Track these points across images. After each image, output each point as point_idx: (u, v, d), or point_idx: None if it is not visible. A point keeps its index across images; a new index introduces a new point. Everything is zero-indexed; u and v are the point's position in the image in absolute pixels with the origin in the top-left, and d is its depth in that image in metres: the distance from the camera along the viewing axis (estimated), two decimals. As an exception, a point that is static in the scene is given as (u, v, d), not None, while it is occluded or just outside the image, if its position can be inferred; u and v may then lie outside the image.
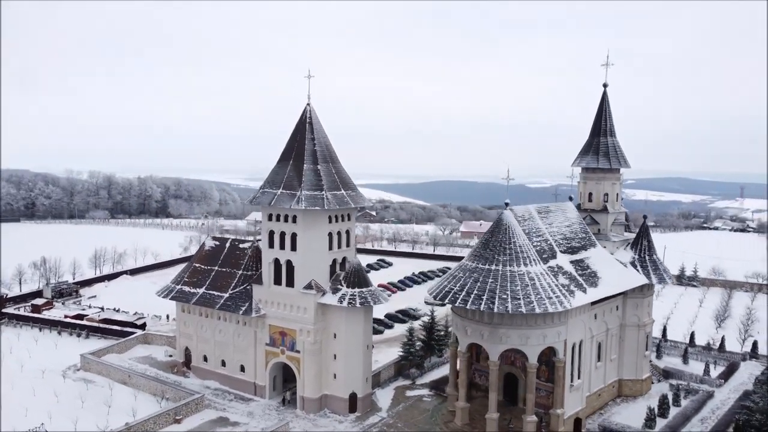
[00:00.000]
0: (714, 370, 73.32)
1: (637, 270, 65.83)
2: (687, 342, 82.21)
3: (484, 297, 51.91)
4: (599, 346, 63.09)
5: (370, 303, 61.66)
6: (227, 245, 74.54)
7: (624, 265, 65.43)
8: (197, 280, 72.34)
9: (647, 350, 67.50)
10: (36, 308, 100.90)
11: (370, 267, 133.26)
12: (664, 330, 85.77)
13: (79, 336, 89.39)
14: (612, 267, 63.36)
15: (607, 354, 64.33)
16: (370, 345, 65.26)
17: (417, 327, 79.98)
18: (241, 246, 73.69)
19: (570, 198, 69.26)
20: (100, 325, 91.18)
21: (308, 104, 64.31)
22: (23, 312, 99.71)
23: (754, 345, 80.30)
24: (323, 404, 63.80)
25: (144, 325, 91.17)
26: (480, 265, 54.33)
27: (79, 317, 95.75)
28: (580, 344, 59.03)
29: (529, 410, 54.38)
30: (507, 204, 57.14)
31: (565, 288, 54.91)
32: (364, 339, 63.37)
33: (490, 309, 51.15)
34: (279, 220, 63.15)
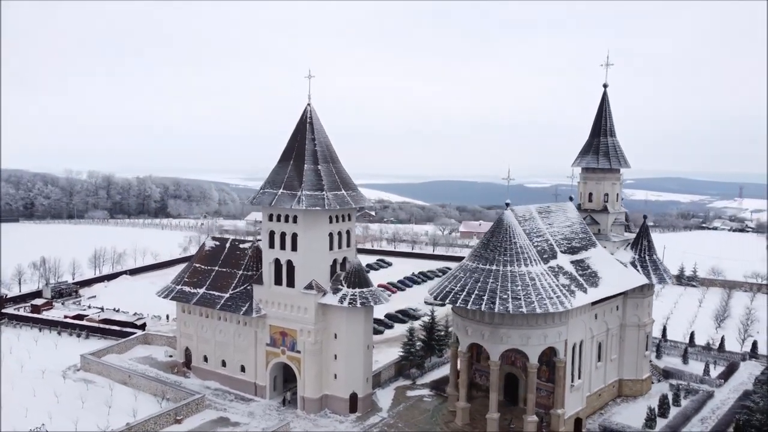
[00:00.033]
0: (714, 370, 73.41)
1: (638, 270, 65.90)
2: (687, 342, 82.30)
3: (485, 297, 51.94)
4: (599, 346, 63.15)
5: (371, 303, 61.68)
6: (227, 245, 74.49)
7: (624, 265, 65.49)
8: (197, 281, 72.30)
9: (647, 350, 67.58)
10: (36, 308, 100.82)
11: (370, 267, 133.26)
12: (664, 330, 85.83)
13: (79, 336, 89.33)
14: (612, 267, 63.43)
15: (608, 354, 64.40)
16: (371, 345, 65.26)
17: (417, 327, 79.98)
18: (242, 246, 73.64)
19: (570, 198, 69.31)
20: (100, 326, 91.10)
21: (309, 104, 64.29)
22: (23, 312, 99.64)
23: (754, 345, 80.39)
24: (324, 404, 63.81)
25: (144, 326, 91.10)
26: (481, 266, 54.36)
27: (79, 317, 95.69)
28: (581, 344, 59.15)
29: (530, 410, 54.45)
30: (508, 204, 57.16)
31: (566, 288, 54.97)
32: (365, 339, 63.39)
33: (491, 309, 51.19)
34: (280, 221, 63.15)
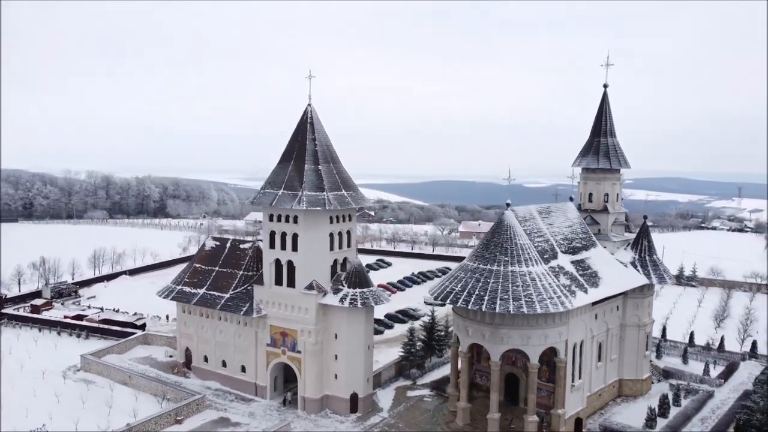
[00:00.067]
0: (714, 370, 73.50)
1: (638, 270, 65.97)
2: (686, 342, 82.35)
3: (486, 297, 51.98)
4: (600, 346, 63.20)
5: (372, 303, 61.70)
6: (228, 245, 74.49)
7: (624, 266, 65.56)
8: (198, 281, 72.28)
9: (647, 350, 67.66)
10: (35, 309, 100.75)
11: (370, 267, 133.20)
12: (664, 330, 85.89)
13: (79, 336, 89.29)
14: (612, 267, 63.50)
15: (608, 354, 64.47)
16: (371, 345, 65.28)
17: (417, 327, 80.00)
18: (242, 246, 73.64)
19: (571, 198, 69.36)
20: (100, 326, 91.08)
21: (309, 104, 64.30)
22: (22, 312, 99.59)
23: (754, 345, 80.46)
24: (324, 404, 63.81)
25: (144, 326, 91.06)
26: (481, 266, 54.39)
27: (79, 318, 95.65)
28: (581, 344, 59.23)
29: (531, 410, 54.50)
30: (508, 204, 57.19)
31: (567, 288, 55.03)
32: (366, 339, 63.40)
33: (492, 309, 51.23)
34: (280, 221, 63.15)
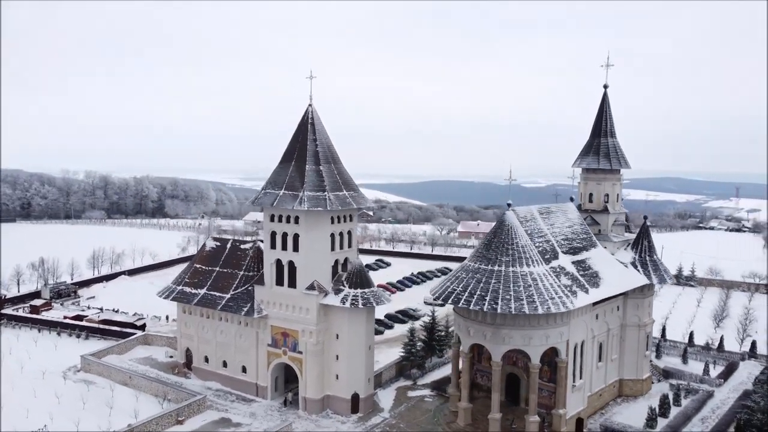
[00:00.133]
0: (713, 370, 73.65)
1: (638, 270, 66.08)
2: (686, 342, 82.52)
3: (487, 298, 52.01)
4: (600, 346, 63.28)
5: (373, 304, 61.73)
6: (228, 246, 74.46)
7: (625, 266, 65.66)
8: (198, 281, 72.23)
9: (647, 350, 67.79)
10: (35, 309, 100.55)
11: (369, 267, 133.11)
12: (663, 330, 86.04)
13: (79, 337, 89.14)
14: (613, 267, 63.60)
15: (608, 354, 64.57)
16: (372, 345, 65.31)
17: (418, 327, 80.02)
18: (242, 247, 73.61)
19: (571, 199, 69.46)
20: (100, 326, 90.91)
21: (310, 105, 64.29)
22: (22, 313, 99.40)
23: (753, 345, 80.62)
24: (325, 405, 63.82)
25: (144, 326, 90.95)
26: (483, 266, 54.43)
27: (79, 318, 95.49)
28: (582, 344, 59.34)
29: (532, 410, 54.57)
30: (509, 205, 57.21)
31: (568, 288, 55.12)
32: (367, 339, 63.42)
33: (493, 310, 51.27)
34: (281, 221, 63.14)
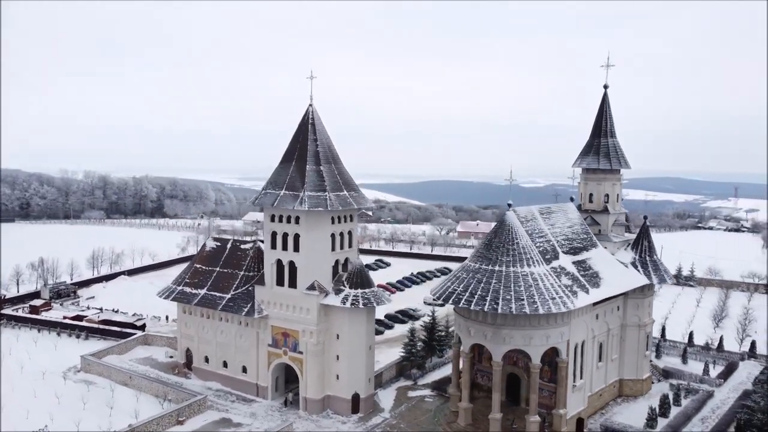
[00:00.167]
0: (713, 370, 73.70)
1: (638, 270, 66.15)
2: (686, 342, 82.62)
3: (488, 298, 52.04)
4: (600, 346, 63.36)
5: (373, 304, 61.75)
6: (228, 246, 74.42)
7: (625, 266, 65.73)
8: (199, 281, 72.21)
9: (647, 350, 67.87)
10: (34, 309, 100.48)
11: (369, 267, 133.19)
12: (663, 330, 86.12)
13: (79, 337, 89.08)
14: (613, 267, 63.67)
15: (608, 354, 64.64)
16: (373, 345, 65.33)
17: (418, 327, 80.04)
18: (243, 247, 73.58)
19: (571, 199, 69.54)
20: (100, 326, 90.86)
21: (311, 105, 64.30)
22: (21, 313, 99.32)
23: (753, 344, 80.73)
24: (326, 405, 63.83)
25: (143, 326, 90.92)
26: (483, 266, 54.45)
27: (78, 318, 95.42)
28: (582, 344, 59.42)
29: (533, 410, 54.61)
30: (510, 205, 57.24)
31: (568, 288, 55.18)
32: (367, 340, 63.45)
33: (494, 310, 51.29)
34: (282, 221, 63.15)
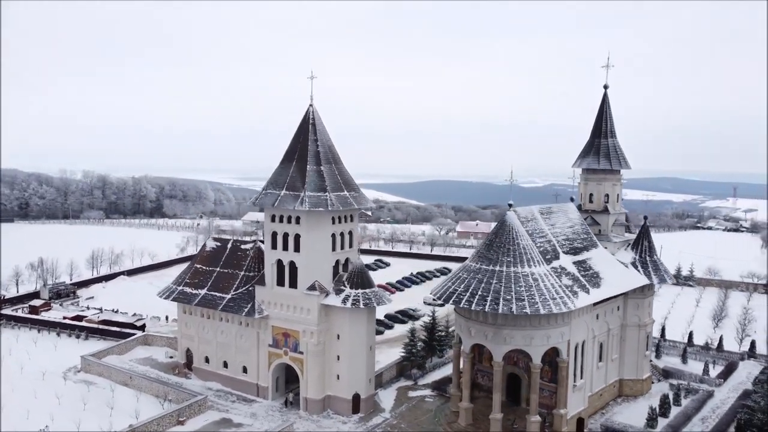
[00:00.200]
0: (713, 370, 73.78)
1: (638, 270, 66.21)
2: (685, 342, 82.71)
3: (489, 298, 52.09)
4: (601, 346, 63.43)
5: (374, 304, 61.77)
6: (229, 246, 74.40)
7: (625, 266, 65.81)
8: (199, 281, 72.18)
9: (648, 350, 67.95)
10: (34, 309, 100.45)
11: (368, 267, 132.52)
12: (663, 330, 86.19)
13: (78, 337, 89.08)
14: (613, 267, 63.74)
15: (609, 354, 64.71)
16: (373, 346, 65.36)
17: (418, 327, 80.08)
18: (243, 247, 73.56)
19: (572, 199, 69.64)
20: (100, 327, 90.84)
21: (311, 105, 64.31)
22: (21, 313, 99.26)
23: (752, 344, 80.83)
24: (326, 405, 63.85)
25: (143, 327, 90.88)
26: (484, 266, 54.49)
27: (78, 318, 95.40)
28: (583, 344, 59.48)
29: (533, 410, 54.66)
30: (510, 205, 57.30)
31: (569, 289, 55.24)
32: (368, 340, 63.47)
33: (495, 310, 51.32)
34: (282, 221, 63.16)
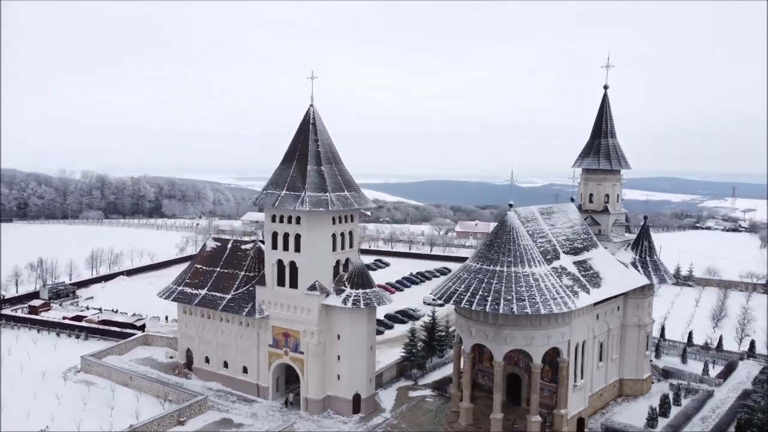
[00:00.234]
0: (713, 370, 73.92)
1: (638, 270, 66.28)
2: (685, 341, 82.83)
3: (490, 298, 52.12)
4: (601, 346, 63.50)
5: (374, 304, 61.80)
6: (229, 246, 74.37)
7: (625, 266, 65.88)
8: (199, 281, 72.16)
9: (648, 350, 68.02)
10: (33, 310, 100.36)
11: (368, 267, 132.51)
12: (662, 330, 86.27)
13: (78, 337, 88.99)
14: (614, 268, 63.81)
15: (609, 354, 64.77)
16: (374, 346, 65.37)
17: (418, 327, 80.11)
18: (243, 247, 73.52)
19: (572, 199, 69.71)
20: (99, 327, 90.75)
21: (311, 105, 64.31)
22: (20, 313, 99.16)
23: (752, 344, 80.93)
24: (327, 405, 63.85)
25: (143, 327, 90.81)
26: (485, 266, 54.52)
27: (78, 318, 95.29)
28: (583, 344, 59.54)
29: (534, 410, 54.69)
30: (511, 205, 57.35)
31: (569, 289, 55.28)
32: (368, 340, 63.48)
33: (496, 310, 51.35)
34: (283, 222, 63.15)
